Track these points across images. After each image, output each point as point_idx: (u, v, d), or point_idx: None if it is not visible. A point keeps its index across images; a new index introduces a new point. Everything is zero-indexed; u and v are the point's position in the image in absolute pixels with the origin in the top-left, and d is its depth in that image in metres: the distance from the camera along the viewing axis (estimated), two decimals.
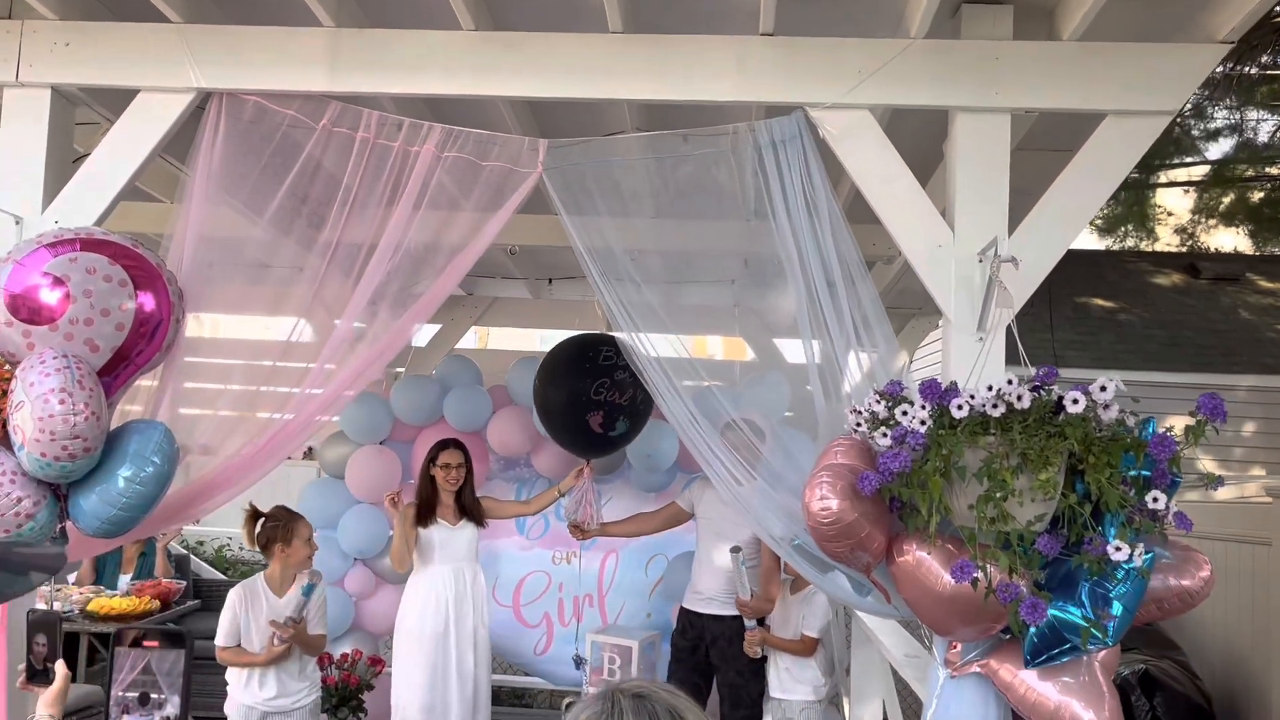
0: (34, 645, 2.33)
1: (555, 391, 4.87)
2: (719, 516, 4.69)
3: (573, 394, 4.79)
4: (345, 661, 5.30)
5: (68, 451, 2.63)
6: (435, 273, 3.36)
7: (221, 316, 3.85)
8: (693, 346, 4.22)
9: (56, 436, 2.61)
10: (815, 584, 3.18)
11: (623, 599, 6.10)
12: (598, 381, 4.82)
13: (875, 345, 3.07)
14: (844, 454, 2.89)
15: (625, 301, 3.22)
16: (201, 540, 8.54)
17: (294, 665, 3.93)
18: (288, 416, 3.28)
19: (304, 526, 3.98)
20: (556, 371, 4.93)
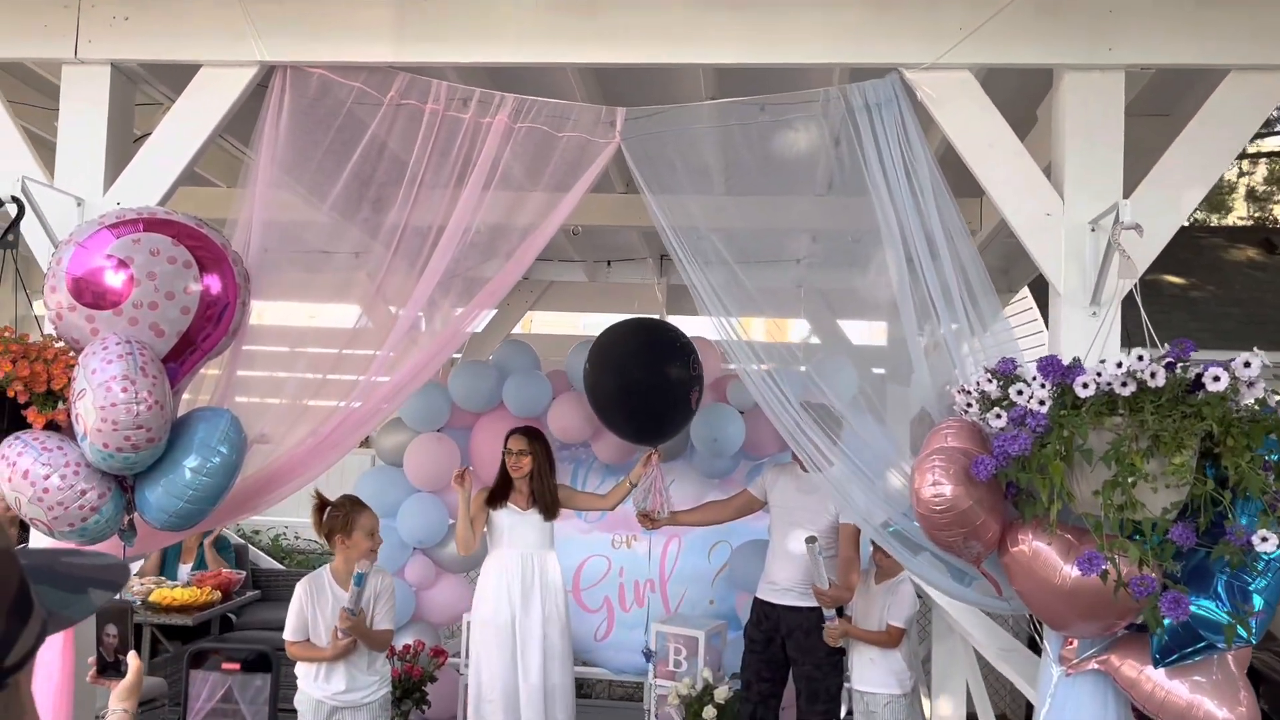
0: (104, 636, 2.21)
1: (660, 374, 4.69)
2: (794, 505, 4.52)
3: (678, 374, 4.66)
4: (407, 653, 5.21)
5: (130, 442, 2.52)
6: (504, 256, 3.23)
7: (285, 304, 3.77)
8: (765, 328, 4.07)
9: (119, 426, 2.50)
10: (913, 572, 3.00)
11: (685, 586, 5.97)
12: (690, 358, 4.70)
13: (982, 320, 2.88)
14: (954, 436, 2.72)
15: (714, 284, 3.06)
16: (258, 529, 8.52)
17: (362, 659, 3.80)
18: (353, 405, 3.16)
19: (366, 517, 3.84)
20: (657, 355, 4.75)
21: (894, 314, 3.62)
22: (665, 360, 4.69)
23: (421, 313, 3.31)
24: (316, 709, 3.75)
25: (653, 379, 4.66)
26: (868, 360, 4.05)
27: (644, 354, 4.74)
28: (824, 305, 5.03)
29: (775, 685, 4.60)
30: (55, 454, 2.63)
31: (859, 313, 4.72)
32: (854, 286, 3.89)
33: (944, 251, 2.89)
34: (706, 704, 4.98)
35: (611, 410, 4.85)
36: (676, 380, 4.66)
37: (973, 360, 2.91)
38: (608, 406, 4.85)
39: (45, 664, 2.84)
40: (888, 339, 4.49)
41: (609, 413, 4.87)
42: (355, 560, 3.78)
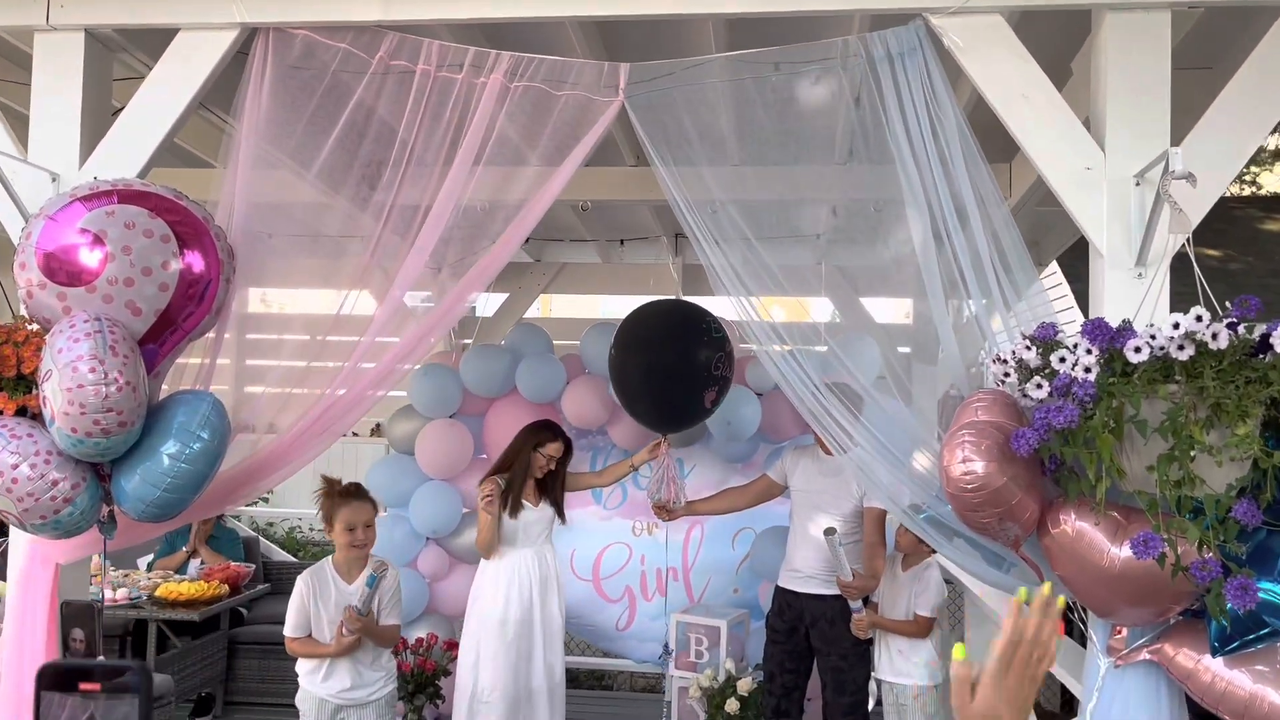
0: (70, 641, 2.04)
1: (675, 365, 4.47)
2: (816, 489, 4.31)
3: (697, 370, 4.45)
4: (420, 647, 5.05)
5: (100, 426, 2.35)
6: (500, 229, 3.04)
7: (271, 290, 3.63)
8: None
9: (87, 409, 2.33)
10: (948, 559, 2.79)
11: (708, 574, 5.77)
12: (716, 356, 4.48)
13: (1017, 290, 2.67)
14: (986, 410, 2.50)
15: (732, 263, 2.87)
16: (272, 522, 8.39)
17: (367, 655, 3.64)
18: (340, 392, 2.99)
19: (348, 510, 3.59)
20: (677, 344, 4.53)
21: (919, 289, 3.43)
22: (695, 353, 4.47)
23: (411, 293, 3.15)
24: (320, 708, 3.59)
25: (677, 370, 4.44)
26: (893, 339, 3.86)
27: (676, 338, 4.53)
28: (846, 282, 4.81)
29: (799, 677, 4.40)
30: (25, 442, 2.47)
31: (883, 289, 4.51)
32: (877, 261, 3.70)
33: (974, 218, 2.68)
34: (729, 696, 4.79)
35: (636, 393, 4.64)
36: (697, 376, 4.43)
37: (1006, 335, 2.71)
38: (632, 388, 4.64)
39: (24, 673, 2.68)
40: (913, 316, 4.26)
41: (633, 395, 4.67)
42: (347, 552, 3.61)
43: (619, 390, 4.72)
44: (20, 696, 2.69)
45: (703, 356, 4.46)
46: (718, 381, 4.48)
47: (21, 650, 2.72)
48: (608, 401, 5.40)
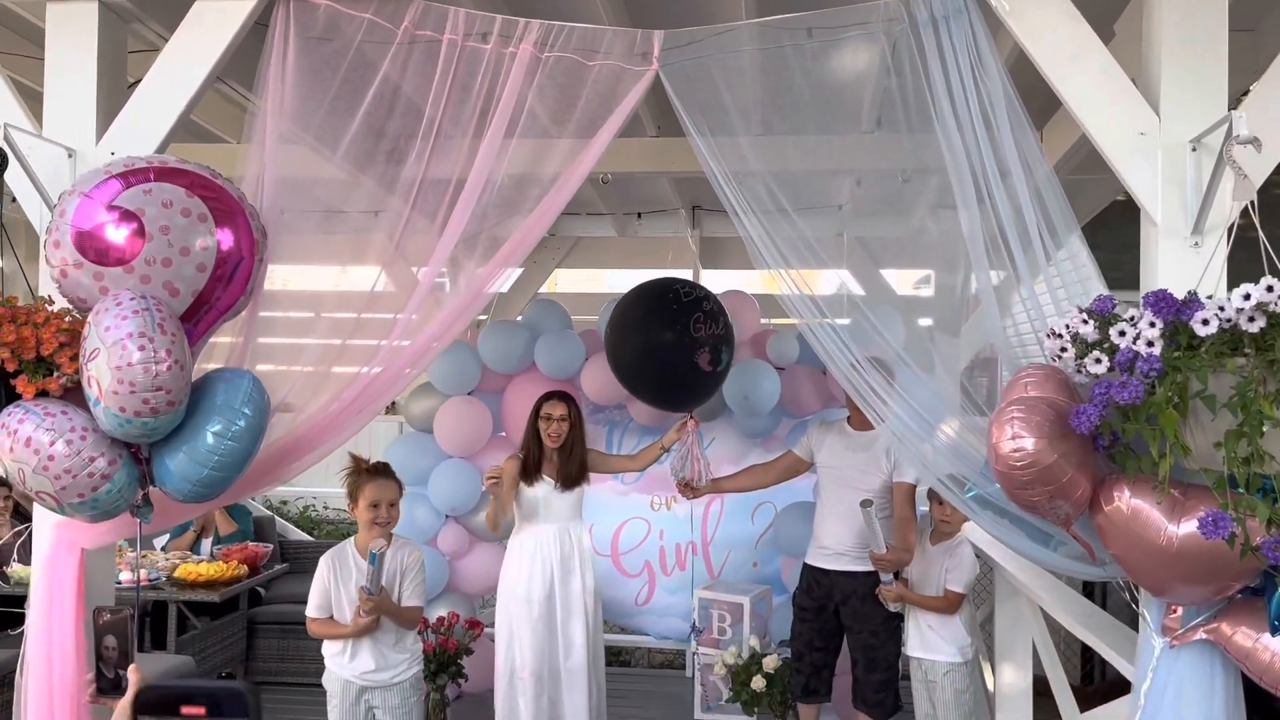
0: (103, 650, 1.97)
1: (656, 340, 4.39)
2: (844, 464, 4.25)
3: (677, 337, 4.35)
4: (441, 626, 5.01)
5: (149, 405, 2.28)
6: (530, 208, 2.97)
7: (301, 268, 3.58)
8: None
9: (137, 388, 2.26)
10: (996, 538, 2.72)
11: (728, 549, 5.74)
12: (692, 317, 4.39)
13: (1061, 247, 2.59)
14: (1035, 385, 2.43)
15: (772, 235, 2.80)
16: (286, 500, 8.34)
17: (390, 636, 3.60)
18: (375, 370, 2.93)
19: (372, 487, 3.56)
20: (649, 320, 4.44)
21: (942, 261, 3.35)
22: (668, 323, 4.37)
23: (444, 272, 3.11)
24: (345, 689, 3.59)
25: (661, 344, 4.36)
26: (914, 311, 3.79)
27: (637, 323, 4.45)
28: (867, 255, 4.72)
29: (828, 655, 4.36)
30: (59, 419, 2.40)
31: (906, 261, 4.43)
32: (900, 233, 3.62)
33: (1019, 181, 2.60)
34: (755, 673, 4.76)
35: (628, 383, 4.59)
36: (681, 343, 4.34)
37: (1053, 302, 2.64)
38: (625, 379, 4.60)
39: (53, 662, 2.63)
40: (935, 288, 4.17)
41: (629, 385, 4.62)
42: (370, 531, 3.56)
43: (621, 381, 4.66)
44: (47, 686, 2.64)
45: (675, 323, 4.35)
46: (705, 342, 4.34)
47: (49, 639, 2.67)
48: None
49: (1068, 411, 2.36)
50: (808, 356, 5.41)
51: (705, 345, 4.42)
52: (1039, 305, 2.60)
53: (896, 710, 4.28)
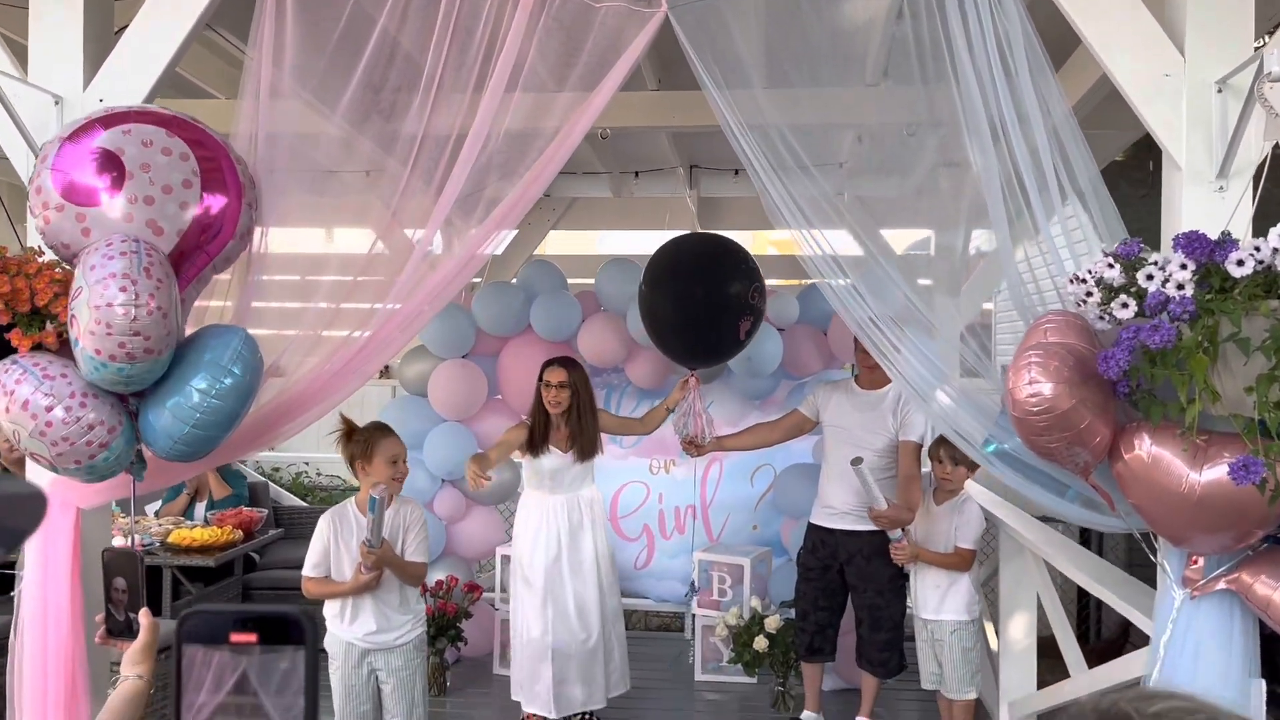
0: (113, 592, 1.91)
1: (714, 294, 4.33)
2: (851, 423, 4.21)
3: (734, 299, 4.31)
4: (440, 589, 4.97)
5: (125, 350, 2.21)
6: (528, 167, 2.89)
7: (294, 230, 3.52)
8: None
9: (114, 331, 2.18)
10: (1020, 492, 2.68)
11: (727, 512, 5.71)
12: (753, 286, 4.35)
13: (1092, 215, 2.52)
14: (1055, 331, 2.38)
15: (794, 194, 2.73)
16: (278, 467, 8.27)
17: (393, 596, 3.51)
18: (366, 334, 2.88)
19: (388, 444, 3.52)
20: (716, 273, 4.38)
21: (943, 219, 3.29)
22: (732, 283, 4.34)
23: (439, 234, 3.02)
24: (347, 651, 3.50)
25: (716, 300, 4.30)
26: (914, 271, 3.74)
27: (710, 271, 4.38)
28: (867, 213, 4.66)
29: (833, 614, 4.34)
30: (59, 382, 2.32)
31: (907, 220, 4.37)
32: (900, 191, 3.56)
33: (1037, 128, 2.53)
34: (757, 634, 4.74)
35: (665, 324, 4.49)
36: (732, 306, 4.31)
37: (1068, 247, 2.58)
38: (666, 319, 4.50)
39: (48, 624, 2.57)
40: (935, 247, 4.12)
41: (662, 327, 4.52)
42: (391, 486, 3.50)
43: (650, 323, 4.57)
44: (43, 647, 2.58)
45: (739, 285, 4.32)
46: (753, 312, 4.37)
47: (44, 600, 2.61)
48: (625, 339, 5.27)
49: (1088, 357, 2.32)
50: (808, 316, 5.35)
51: (751, 314, 4.39)
52: (1056, 252, 2.54)
53: (901, 669, 4.27)
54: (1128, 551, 6.23)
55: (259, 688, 0.69)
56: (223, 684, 0.68)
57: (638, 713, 4.77)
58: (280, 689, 0.69)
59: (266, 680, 0.69)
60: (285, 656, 0.69)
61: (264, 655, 0.69)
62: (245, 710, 0.69)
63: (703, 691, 5.15)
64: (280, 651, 0.69)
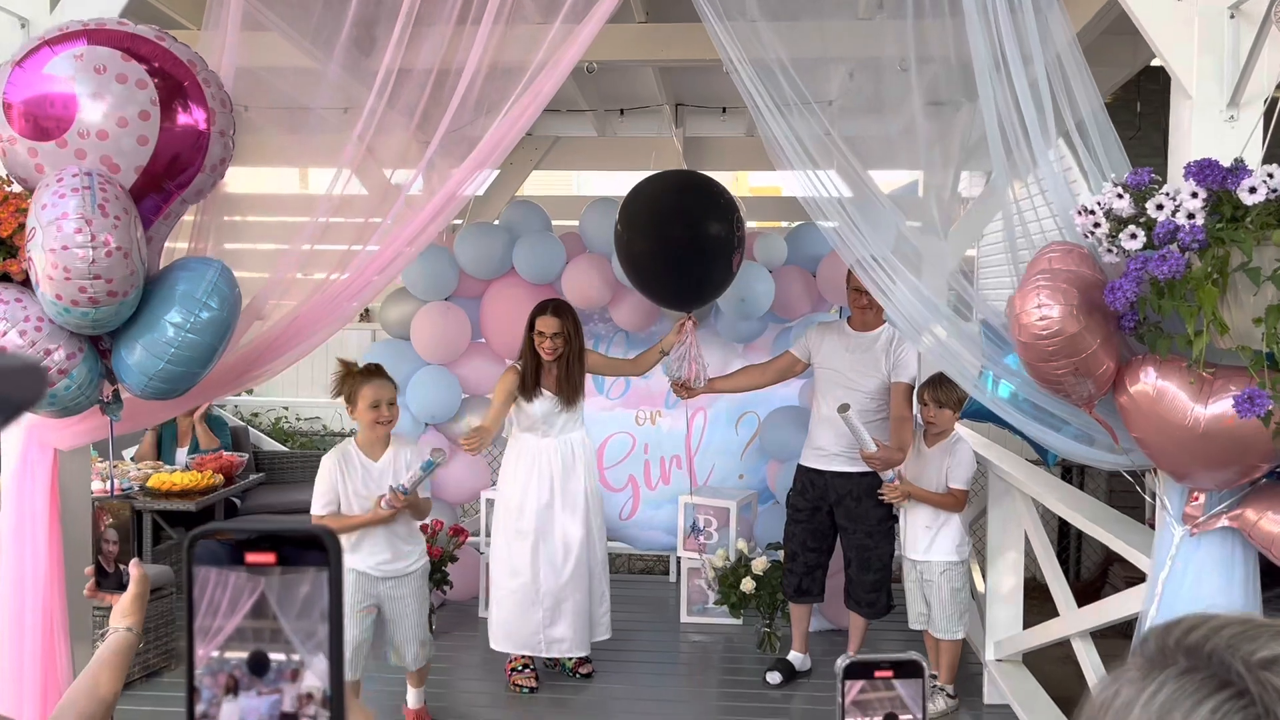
0: (103, 544, 1.83)
1: (709, 231, 4.24)
2: (843, 365, 4.16)
3: (724, 234, 4.24)
4: (426, 533, 4.92)
5: (87, 295, 2.12)
6: (513, 98, 2.80)
7: (265, 170, 3.44)
8: None
9: (72, 275, 2.09)
10: (1020, 428, 2.65)
11: (712, 460, 5.67)
12: (734, 216, 4.28)
13: (1091, 148, 2.46)
14: (1060, 260, 2.35)
15: (798, 133, 2.66)
16: (257, 412, 8.17)
17: (403, 528, 3.67)
18: (344, 276, 2.82)
19: (370, 388, 3.56)
20: (706, 210, 4.29)
21: (932, 160, 3.22)
22: (709, 217, 4.25)
23: (402, 172, 2.98)
24: (358, 581, 3.60)
25: (697, 238, 4.22)
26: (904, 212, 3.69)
27: (687, 209, 4.28)
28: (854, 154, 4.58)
29: (822, 555, 4.34)
30: (13, 307, 2.24)
31: (896, 160, 4.31)
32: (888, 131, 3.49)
33: (1038, 62, 2.45)
34: (744, 576, 4.74)
35: (648, 272, 4.40)
36: (718, 239, 4.23)
37: (1067, 187, 2.53)
38: (644, 267, 4.41)
39: (25, 571, 2.50)
40: (923, 187, 4.06)
41: (645, 274, 4.43)
42: (372, 430, 3.60)
43: (634, 272, 4.48)
44: (19, 594, 2.52)
45: (723, 220, 4.24)
46: (740, 244, 4.31)
47: (21, 544, 2.54)
48: (610, 280, 5.19)
49: (1094, 285, 2.28)
50: (796, 258, 5.29)
51: (738, 248, 4.32)
52: (1065, 186, 2.48)
53: (888, 610, 4.28)
54: (1108, 493, 6.28)
55: (279, 611, 0.63)
56: (238, 607, 0.62)
57: (624, 656, 4.77)
58: (302, 613, 0.63)
59: (287, 604, 0.63)
60: (307, 578, 0.63)
61: (284, 576, 0.63)
62: (264, 635, 0.63)
63: (688, 633, 5.17)
64: (302, 572, 0.63)
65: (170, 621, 4.63)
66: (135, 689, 4.39)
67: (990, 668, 4.22)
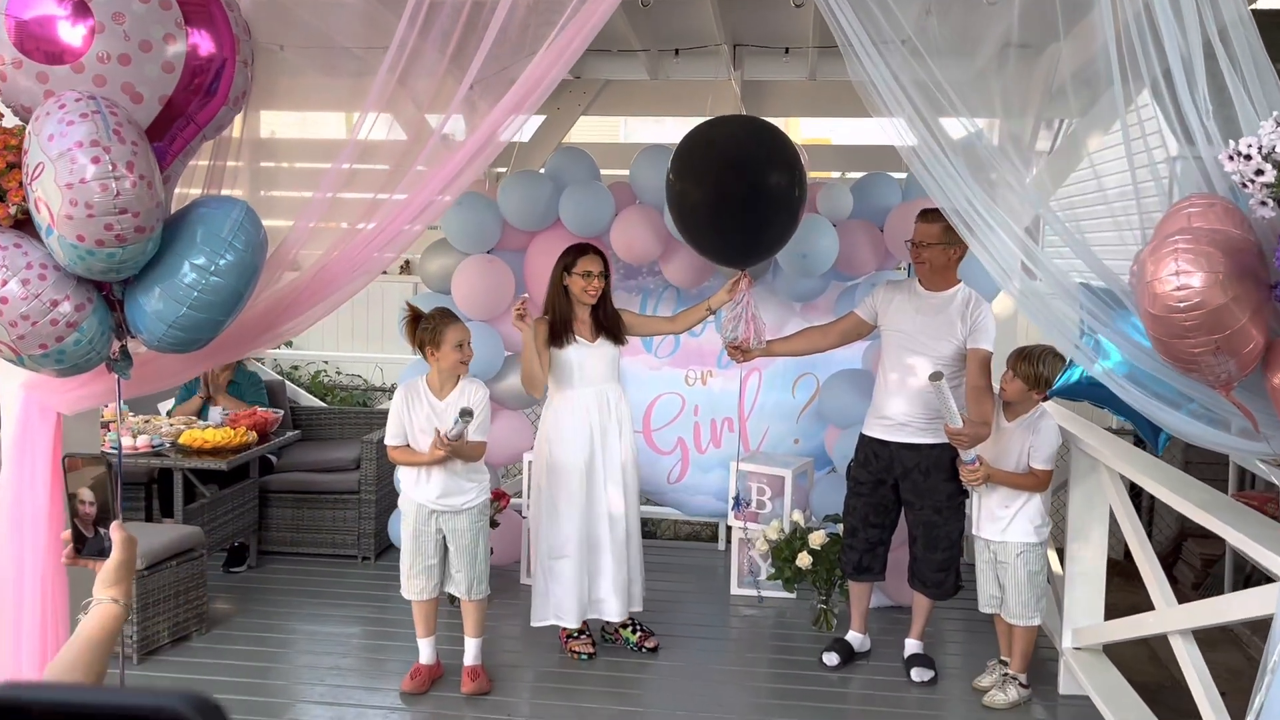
0: (78, 505, 1.60)
1: (771, 181, 3.92)
2: (913, 328, 3.83)
3: (785, 185, 3.94)
4: None
5: (114, 232, 1.87)
6: (562, 23, 2.52)
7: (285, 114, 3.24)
8: None
9: (95, 211, 1.84)
10: (1130, 400, 2.32)
11: (766, 423, 5.39)
12: (798, 167, 3.96)
13: (1237, 63, 2.10)
14: (1202, 216, 2.01)
15: (899, 76, 2.47)
16: (296, 365, 7.99)
17: (463, 467, 3.84)
18: (373, 226, 2.63)
19: (454, 330, 3.79)
20: (784, 159, 3.98)
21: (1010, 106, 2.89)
22: (772, 167, 3.91)
23: (461, 118, 2.74)
24: (418, 511, 3.86)
25: (757, 189, 3.88)
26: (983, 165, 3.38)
27: (748, 158, 3.92)
28: (926, 100, 4.24)
29: (884, 531, 4.04)
30: (12, 253, 1.99)
31: (983, 106, 3.98)
32: (968, 74, 3.15)
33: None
34: (800, 550, 4.46)
35: (703, 225, 4.08)
36: (780, 191, 3.90)
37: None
38: (699, 221, 4.08)
39: (24, 543, 2.29)
40: (999, 136, 3.71)
41: (699, 228, 4.11)
42: (448, 371, 3.80)
43: (686, 226, 4.16)
44: (18, 566, 2.30)
45: (786, 171, 3.91)
46: (803, 197, 3.99)
47: (20, 515, 2.32)
48: (662, 233, 4.88)
49: (1243, 246, 1.95)
50: (862, 211, 4.93)
51: (801, 201, 4.02)
52: (1211, 130, 2.12)
53: (956, 591, 4.00)
54: (1184, 464, 5.89)
55: None
56: None
57: (669, 629, 4.53)
58: None
59: None
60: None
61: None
62: None
63: (738, 606, 4.92)
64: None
65: (202, 584, 4.46)
66: (163, 654, 4.23)
67: (1067, 656, 3.92)
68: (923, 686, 4.01)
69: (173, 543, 4.34)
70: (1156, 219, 2.19)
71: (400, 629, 4.37)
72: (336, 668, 4.19)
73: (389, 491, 5.35)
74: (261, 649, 4.36)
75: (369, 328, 7.79)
